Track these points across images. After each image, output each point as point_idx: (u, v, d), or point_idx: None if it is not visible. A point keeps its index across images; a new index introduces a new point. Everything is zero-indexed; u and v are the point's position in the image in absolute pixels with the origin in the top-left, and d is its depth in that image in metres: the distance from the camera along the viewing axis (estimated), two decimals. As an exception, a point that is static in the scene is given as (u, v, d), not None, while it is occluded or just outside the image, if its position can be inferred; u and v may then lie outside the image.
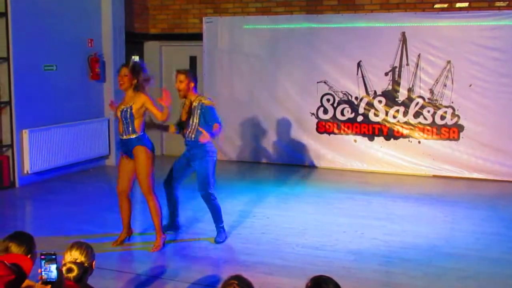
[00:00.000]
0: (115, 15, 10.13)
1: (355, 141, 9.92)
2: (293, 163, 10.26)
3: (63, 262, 3.31)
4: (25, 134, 8.56)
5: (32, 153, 8.63)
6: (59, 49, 9.21)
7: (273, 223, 6.85)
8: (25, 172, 8.66)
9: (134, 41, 10.92)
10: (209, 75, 10.76)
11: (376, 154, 9.81)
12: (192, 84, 5.95)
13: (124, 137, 5.74)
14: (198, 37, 10.71)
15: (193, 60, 11.15)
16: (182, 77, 5.89)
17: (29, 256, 3.42)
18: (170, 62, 11.31)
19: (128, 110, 5.66)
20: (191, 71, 6.14)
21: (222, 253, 5.78)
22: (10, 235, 3.58)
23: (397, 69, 9.56)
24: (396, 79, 9.60)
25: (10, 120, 8.50)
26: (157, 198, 5.84)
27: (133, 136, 5.70)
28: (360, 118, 9.87)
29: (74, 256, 3.34)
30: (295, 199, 8.08)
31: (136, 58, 10.26)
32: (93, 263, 3.43)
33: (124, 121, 5.70)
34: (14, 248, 3.46)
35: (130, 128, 5.70)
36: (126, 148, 5.80)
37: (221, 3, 10.71)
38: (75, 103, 9.56)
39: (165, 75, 11.31)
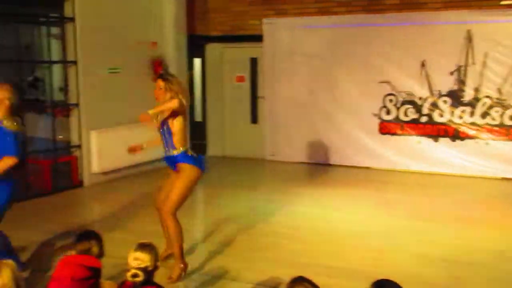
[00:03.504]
0: (177, 18, 10.30)
1: (419, 142, 9.72)
2: (354, 165, 10.14)
3: (128, 266, 3.38)
4: (93, 134, 8.82)
5: (99, 153, 8.87)
6: (124, 52, 9.43)
7: (334, 225, 6.80)
8: (93, 171, 8.91)
9: (195, 44, 11.07)
10: (269, 76, 10.79)
11: (441, 156, 9.56)
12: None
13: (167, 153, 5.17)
14: (258, 38, 10.76)
15: (253, 62, 11.21)
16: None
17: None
18: (230, 64, 11.41)
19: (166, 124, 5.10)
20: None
21: (282, 255, 5.76)
22: (89, 235, 3.70)
23: (462, 68, 9.30)
24: (462, 78, 9.33)
25: (78, 121, 8.80)
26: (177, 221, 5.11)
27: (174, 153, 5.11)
28: (424, 119, 9.65)
29: (138, 258, 3.38)
30: (357, 201, 7.98)
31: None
32: (158, 263, 3.49)
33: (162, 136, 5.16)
34: (95, 248, 3.58)
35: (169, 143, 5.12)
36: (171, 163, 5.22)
37: (281, 4, 10.71)
38: (139, 104, 9.73)
39: (226, 77, 11.42)
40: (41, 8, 8.99)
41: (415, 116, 9.72)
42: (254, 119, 11.31)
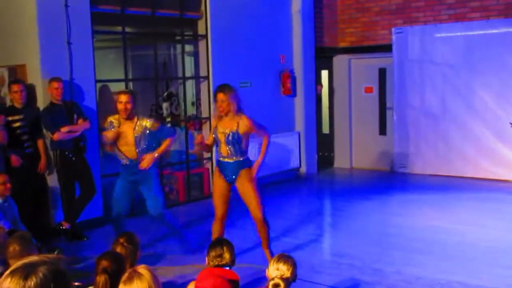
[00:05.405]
0: (305, 31, 10.39)
1: None
2: (491, 178, 9.60)
3: (270, 276, 3.47)
4: (223, 147, 9.07)
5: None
6: (254, 67, 9.66)
7: (469, 240, 6.47)
8: (223, 183, 9.14)
9: (323, 56, 11.09)
10: (399, 86, 10.54)
11: None
12: None
13: (230, 159, 5.60)
14: (387, 48, 10.56)
15: (382, 72, 11.01)
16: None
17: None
18: (358, 75, 11.30)
19: (236, 134, 5.52)
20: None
21: (415, 269, 5.58)
22: (221, 242, 3.86)
23: None
24: None
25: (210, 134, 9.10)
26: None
27: (241, 158, 5.61)
28: None
29: (280, 269, 3.49)
30: (494, 215, 7.53)
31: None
32: (296, 276, 3.60)
33: (231, 145, 5.55)
34: (227, 254, 3.75)
35: (239, 151, 5.57)
36: (231, 171, 5.63)
37: (411, 12, 10.45)
38: (268, 117, 9.93)
39: (354, 88, 11.32)
40: (177, 27, 9.45)
41: (560, 125, 9.04)
42: (383, 130, 11.09)
